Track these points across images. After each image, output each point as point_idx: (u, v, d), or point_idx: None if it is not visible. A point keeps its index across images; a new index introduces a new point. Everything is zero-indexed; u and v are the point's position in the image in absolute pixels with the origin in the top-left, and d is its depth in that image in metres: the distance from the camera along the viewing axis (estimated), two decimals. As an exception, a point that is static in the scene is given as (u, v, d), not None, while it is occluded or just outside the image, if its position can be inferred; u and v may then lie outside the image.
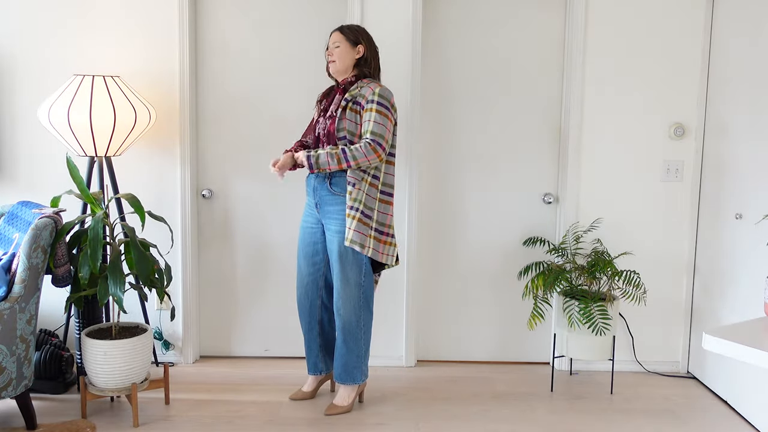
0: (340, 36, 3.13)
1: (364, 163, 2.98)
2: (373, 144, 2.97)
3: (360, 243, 3.05)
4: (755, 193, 3.21)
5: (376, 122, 2.99)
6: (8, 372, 2.81)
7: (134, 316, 3.68)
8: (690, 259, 3.78)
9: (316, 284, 3.28)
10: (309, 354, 3.37)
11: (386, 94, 3.04)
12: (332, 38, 3.15)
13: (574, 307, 3.40)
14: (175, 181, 3.73)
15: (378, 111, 3.01)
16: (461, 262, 3.89)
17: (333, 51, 3.13)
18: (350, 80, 3.13)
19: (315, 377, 3.41)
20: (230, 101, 3.79)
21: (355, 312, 3.15)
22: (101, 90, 3.28)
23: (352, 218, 3.04)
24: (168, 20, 3.64)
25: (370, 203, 3.08)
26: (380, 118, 3.00)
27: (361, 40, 3.13)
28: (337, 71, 3.14)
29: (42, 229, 2.88)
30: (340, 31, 3.15)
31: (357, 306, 3.15)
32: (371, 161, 2.99)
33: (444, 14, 3.75)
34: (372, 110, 3.00)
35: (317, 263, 3.26)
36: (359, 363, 3.21)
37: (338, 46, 3.12)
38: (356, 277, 3.12)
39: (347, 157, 2.97)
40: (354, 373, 3.22)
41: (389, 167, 3.14)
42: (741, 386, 3.29)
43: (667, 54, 3.67)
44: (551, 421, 3.23)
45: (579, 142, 3.72)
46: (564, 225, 3.77)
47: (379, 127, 2.99)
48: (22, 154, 3.71)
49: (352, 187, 3.04)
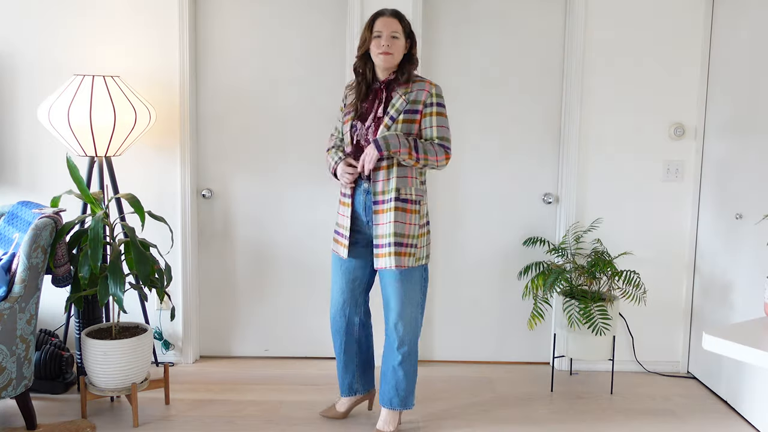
0: (399, 25, 2.76)
1: (433, 162, 2.76)
2: (443, 147, 2.78)
3: (429, 254, 2.92)
4: (755, 193, 3.21)
5: (441, 126, 2.79)
6: (8, 372, 2.81)
7: (134, 316, 3.68)
8: (690, 259, 3.78)
9: (355, 301, 3.02)
10: (344, 375, 3.12)
11: (441, 92, 2.84)
12: (389, 25, 2.74)
13: (574, 307, 3.40)
14: (175, 181, 3.73)
15: (439, 114, 2.80)
16: (461, 261, 3.89)
17: (392, 42, 2.74)
18: (392, 78, 2.82)
19: (350, 398, 3.18)
20: (230, 101, 3.79)
21: (415, 334, 2.92)
22: (101, 90, 3.28)
23: (424, 235, 2.86)
24: (168, 20, 3.63)
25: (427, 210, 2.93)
26: (442, 120, 2.81)
27: (412, 33, 2.83)
28: (389, 68, 2.80)
29: (42, 229, 2.88)
30: (399, 18, 2.78)
31: (417, 327, 2.92)
32: (440, 163, 2.78)
33: (444, 14, 3.75)
34: (433, 114, 2.78)
35: (357, 278, 2.98)
36: (413, 388, 2.99)
37: (397, 38, 2.76)
38: (418, 297, 2.90)
39: (418, 149, 2.72)
40: (409, 398, 2.99)
41: None
42: (741, 386, 3.29)
43: (667, 54, 3.67)
44: (551, 421, 3.23)
45: (579, 142, 3.72)
46: (564, 225, 3.77)
47: (444, 131, 2.80)
48: (22, 154, 3.71)
49: (418, 205, 2.83)
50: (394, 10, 2.82)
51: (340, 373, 3.15)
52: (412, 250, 2.82)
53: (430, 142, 2.78)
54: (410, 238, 2.81)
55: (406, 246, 2.81)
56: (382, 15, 2.80)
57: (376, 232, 2.83)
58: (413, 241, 2.82)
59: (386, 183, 2.80)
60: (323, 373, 3.74)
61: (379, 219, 2.82)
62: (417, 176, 2.84)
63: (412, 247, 2.82)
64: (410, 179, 2.81)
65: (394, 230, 2.78)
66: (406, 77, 2.81)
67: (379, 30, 2.76)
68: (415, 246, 2.82)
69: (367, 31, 2.80)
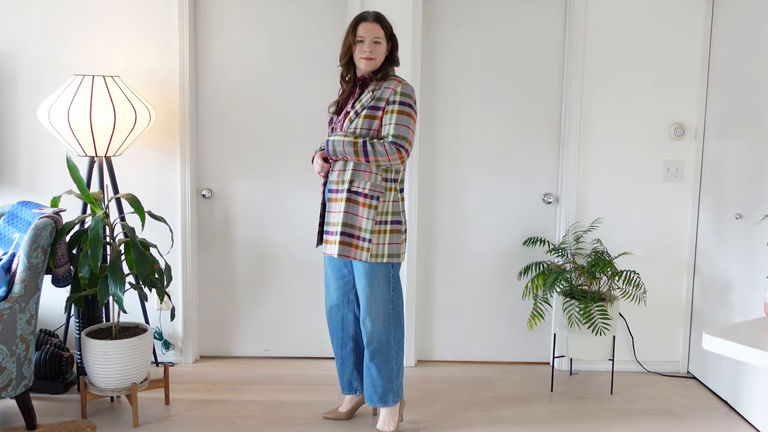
0: (381, 30, 2.79)
1: (385, 162, 2.76)
2: (395, 146, 2.75)
3: (396, 254, 2.88)
4: (755, 193, 3.21)
5: (399, 124, 2.76)
6: (8, 372, 2.81)
7: (134, 316, 3.68)
8: (690, 259, 3.78)
9: (347, 297, 3.04)
10: (342, 372, 3.13)
11: (409, 90, 2.80)
12: (371, 31, 2.78)
13: (574, 307, 3.40)
14: (175, 181, 3.73)
15: (400, 112, 2.77)
16: (461, 261, 3.89)
17: (374, 48, 2.78)
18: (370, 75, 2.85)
19: (351, 397, 3.18)
20: (230, 101, 3.79)
21: (385, 330, 2.92)
22: (101, 90, 3.28)
23: (384, 233, 2.84)
24: (168, 20, 3.63)
25: (397, 209, 2.89)
26: (403, 118, 2.77)
27: (393, 34, 2.85)
28: (370, 71, 2.83)
29: (42, 229, 2.88)
30: (380, 23, 2.80)
31: (387, 323, 2.92)
32: (392, 162, 2.76)
33: (444, 14, 3.75)
34: (394, 112, 2.77)
35: (345, 276, 3.01)
36: (391, 384, 2.96)
37: (380, 42, 2.79)
38: (385, 291, 2.90)
39: (367, 151, 2.74)
40: (386, 395, 2.97)
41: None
42: (741, 386, 3.29)
43: (667, 54, 3.67)
44: (551, 421, 3.23)
45: (579, 142, 3.72)
46: (564, 225, 3.77)
47: (401, 129, 2.76)
48: (22, 154, 3.71)
49: (377, 201, 2.82)
50: (375, 15, 2.84)
51: (339, 369, 3.16)
52: (364, 244, 2.83)
53: (382, 142, 2.76)
54: (362, 231, 2.83)
55: (357, 238, 2.84)
56: (364, 20, 2.82)
57: (328, 220, 2.90)
58: (366, 235, 2.83)
59: (341, 174, 2.86)
60: (323, 373, 3.74)
61: (332, 207, 2.89)
62: (378, 172, 2.83)
63: (365, 240, 2.83)
64: (367, 173, 2.83)
65: (342, 220, 2.83)
66: (381, 75, 2.83)
67: (362, 35, 2.80)
68: (368, 240, 2.83)
69: (351, 36, 2.83)
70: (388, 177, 2.86)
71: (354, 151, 2.77)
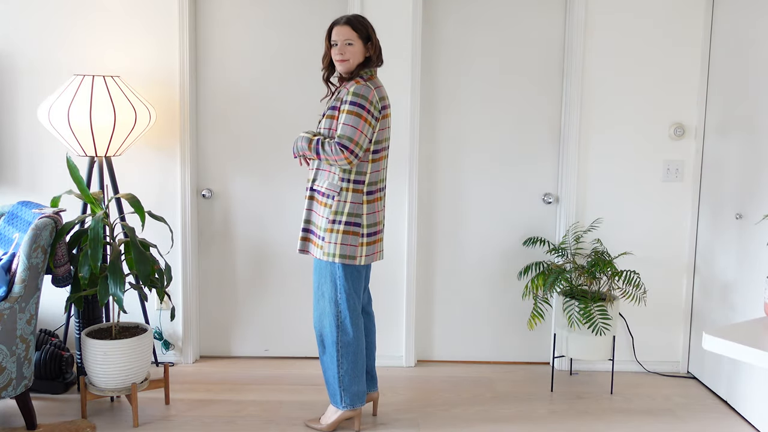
0: (353, 32, 2.84)
1: (332, 161, 2.78)
2: (339, 146, 2.74)
3: (350, 255, 2.85)
4: (755, 193, 3.21)
5: (346, 124, 2.75)
6: (8, 372, 2.81)
7: (134, 316, 3.68)
8: (690, 259, 3.78)
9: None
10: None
11: (362, 91, 2.78)
12: (342, 34, 2.84)
13: (574, 307, 3.40)
14: (175, 181, 3.73)
15: (349, 112, 2.76)
16: (461, 261, 3.89)
17: (346, 49, 2.83)
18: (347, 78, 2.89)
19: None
20: (230, 101, 3.79)
21: (331, 329, 2.93)
22: (101, 90, 3.28)
23: (336, 232, 2.84)
24: (168, 20, 3.64)
25: (357, 210, 2.85)
26: (351, 119, 2.75)
27: (371, 36, 2.88)
28: (346, 72, 2.87)
29: (42, 229, 2.88)
30: (351, 26, 2.85)
31: (332, 324, 2.93)
32: (338, 162, 2.76)
33: (444, 14, 3.75)
34: (344, 112, 2.77)
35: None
36: (335, 386, 2.96)
37: (352, 44, 2.83)
38: (330, 293, 2.91)
39: (318, 149, 2.80)
40: (335, 396, 2.99)
41: (376, 164, 2.88)
42: (741, 386, 3.29)
43: (667, 54, 3.67)
44: (551, 421, 3.23)
45: (579, 142, 3.72)
46: (564, 225, 3.77)
47: (347, 129, 2.74)
48: (22, 154, 3.71)
49: (332, 200, 2.85)
50: (348, 18, 2.88)
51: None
52: (318, 241, 2.90)
53: (328, 141, 2.79)
54: (318, 228, 2.90)
55: (315, 235, 2.92)
56: (337, 24, 2.89)
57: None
58: (320, 233, 2.89)
59: (311, 173, 2.98)
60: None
61: (304, 205, 2.99)
62: (336, 172, 2.86)
63: (320, 238, 2.89)
64: (327, 173, 2.90)
65: (305, 217, 2.96)
66: (350, 76, 2.88)
67: (335, 39, 2.87)
68: (322, 238, 2.88)
69: (326, 41, 2.93)
70: (347, 177, 2.85)
71: (309, 147, 2.84)
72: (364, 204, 2.88)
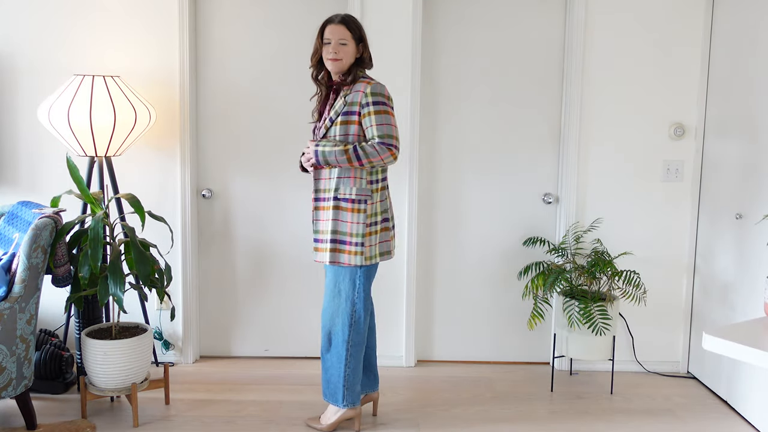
0: (347, 32, 2.84)
1: (378, 162, 2.79)
2: (384, 145, 2.78)
3: (387, 251, 2.94)
4: (755, 193, 3.21)
5: (380, 124, 2.79)
6: (8, 372, 2.81)
7: (134, 316, 3.68)
8: (690, 259, 3.78)
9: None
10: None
11: (378, 89, 2.83)
12: (336, 33, 2.83)
13: (574, 307, 3.40)
14: (175, 181, 3.73)
15: (377, 112, 2.80)
16: (461, 261, 3.89)
17: (339, 49, 2.83)
18: (342, 79, 2.89)
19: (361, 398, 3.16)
20: (230, 101, 3.79)
21: (343, 328, 2.93)
22: (101, 90, 3.28)
23: (375, 233, 2.88)
24: (168, 20, 3.64)
25: (384, 206, 2.94)
26: (382, 117, 2.80)
27: (363, 37, 2.89)
28: (339, 72, 2.88)
29: (42, 229, 2.88)
30: (346, 25, 2.85)
31: (347, 323, 2.93)
32: (386, 160, 2.79)
33: (444, 14, 3.75)
34: (370, 113, 2.80)
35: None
36: (339, 384, 2.96)
37: (345, 44, 2.84)
38: (348, 291, 2.92)
39: (359, 155, 2.78)
40: (336, 394, 2.98)
41: None
42: (741, 386, 3.29)
43: (667, 54, 3.67)
44: (551, 421, 3.23)
45: (579, 142, 3.72)
46: (564, 225, 3.77)
47: (384, 128, 2.79)
48: (22, 154, 3.71)
49: (365, 204, 2.86)
50: (342, 18, 2.87)
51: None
52: (357, 249, 2.87)
53: (371, 143, 2.80)
54: (353, 236, 2.86)
55: (348, 244, 2.87)
56: (331, 22, 2.88)
57: (317, 228, 2.94)
58: (358, 239, 2.86)
59: (328, 182, 2.90)
60: (323, 373, 3.74)
61: (320, 215, 2.93)
62: (362, 176, 2.87)
63: (357, 245, 2.86)
64: (352, 179, 2.87)
65: (332, 228, 2.87)
66: (351, 78, 2.87)
67: (328, 37, 2.85)
68: (361, 245, 2.86)
69: (318, 39, 2.90)
70: (374, 178, 2.89)
71: (347, 158, 2.80)
72: (387, 199, 2.98)
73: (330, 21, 2.89)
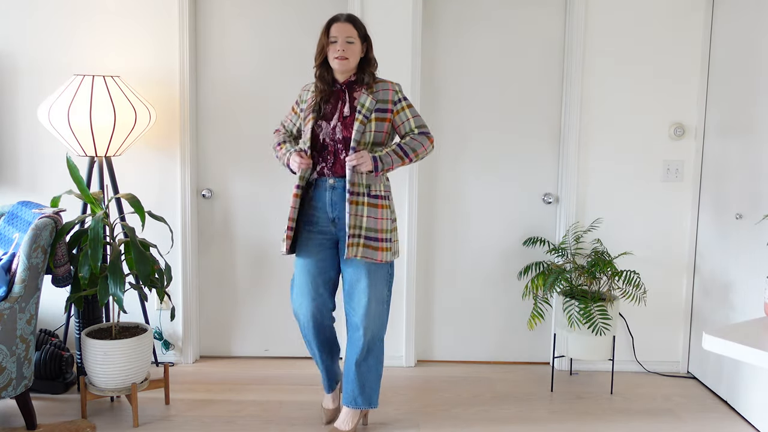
0: (354, 30, 2.81)
1: (423, 153, 2.87)
2: (425, 134, 2.87)
3: (398, 250, 2.96)
4: (755, 193, 3.21)
5: (415, 116, 2.89)
6: (8, 372, 2.81)
7: (134, 316, 3.68)
8: (690, 259, 3.78)
9: (331, 301, 2.99)
10: (329, 373, 3.11)
11: (400, 86, 2.95)
12: (343, 31, 2.79)
13: (574, 307, 3.40)
14: (175, 181, 3.73)
15: (409, 105, 2.90)
16: (461, 261, 3.89)
17: (347, 47, 2.79)
18: (353, 79, 2.86)
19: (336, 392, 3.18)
20: (230, 101, 3.79)
21: (381, 330, 2.94)
22: (101, 90, 3.28)
23: (396, 229, 2.94)
24: (168, 20, 3.64)
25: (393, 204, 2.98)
26: (414, 110, 2.91)
27: (368, 36, 2.88)
28: (346, 71, 2.84)
29: (42, 229, 2.88)
30: (353, 23, 2.83)
31: (384, 324, 2.95)
32: (428, 150, 2.89)
33: (444, 14, 3.75)
34: (404, 108, 2.88)
35: (331, 279, 2.96)
36: (378, 384, 3.00)
37: (353, 42, 2.80)
38: (387, 295, 2.94)
39: (407, 152, 2.83)
40: (372, 396, 2.99)
41: None
42: (741, 386, 3.29)
43: (668, 54, 3.67)
44: (551, 421, 3.23)
45: (579, 142, 3.72)
46: (564, 225, 3.77)
47: (419, 119, 2.90)
48: (22, 154, 3.71)
49: (388, 200, 2.89)
50: (348, 16, 2.86)
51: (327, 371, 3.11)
52: (387, 245, 2.86)
53: (411, 137, 2.86)
54: (384, 232, 2.86)
55: (381, 240, 2.85)
56: (337, 21, 2.83)
57: (350, 223, 2.80)
58: (387, 235, 2.87)
59: (360, 176, 2.81)
60: (323, 373, 3.74)
61: (354, 210, 2.80)
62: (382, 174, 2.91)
63: (387, 241, 2.87)
64: (378, 177, 2.88)
65: (366, 224, 2.82)
66: (370, 78, 2.87)
67: (335, 36, 2.80)
68: (390, 240, 2.88)
69: (324, 37, 2.84)
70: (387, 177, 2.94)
71: (401, 160, 2.84)
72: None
73: (336, 19, 2.85)
